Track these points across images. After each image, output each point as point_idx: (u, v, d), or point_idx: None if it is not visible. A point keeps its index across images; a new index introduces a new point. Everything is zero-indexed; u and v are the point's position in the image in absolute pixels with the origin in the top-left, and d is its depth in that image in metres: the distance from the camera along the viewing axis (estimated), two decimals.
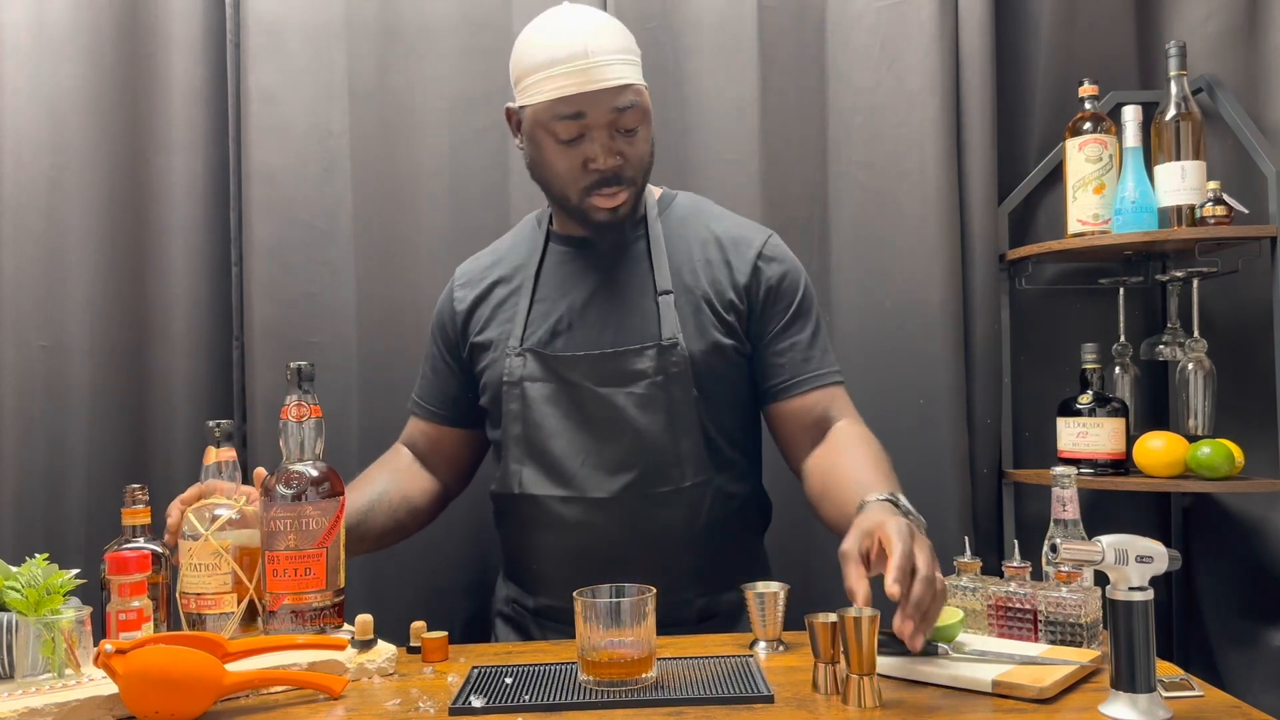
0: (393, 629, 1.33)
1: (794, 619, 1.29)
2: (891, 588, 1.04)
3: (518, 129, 1.46)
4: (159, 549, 1.32)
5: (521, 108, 1.43)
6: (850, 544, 1.11)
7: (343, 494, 1.32)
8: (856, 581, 1.07)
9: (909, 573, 1.05)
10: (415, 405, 1.63)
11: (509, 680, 1.16)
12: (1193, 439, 1.80)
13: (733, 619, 1.45)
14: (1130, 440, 1.84)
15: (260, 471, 1.31)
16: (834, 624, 1.09)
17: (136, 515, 1.33)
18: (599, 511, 1.42)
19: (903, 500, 1.22)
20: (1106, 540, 1.02)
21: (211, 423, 1.34)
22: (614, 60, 1.37)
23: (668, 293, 1.44)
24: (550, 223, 1.55)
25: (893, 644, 1.18)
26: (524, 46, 1.42)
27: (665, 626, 1.32)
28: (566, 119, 1.37)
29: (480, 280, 1.56)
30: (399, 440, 1.64)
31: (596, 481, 1.42)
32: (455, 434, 1.60)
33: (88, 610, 1.20)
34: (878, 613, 1.05)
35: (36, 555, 1.18)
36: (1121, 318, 1.95)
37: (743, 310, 1.46)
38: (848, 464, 1.37)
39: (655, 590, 1.14)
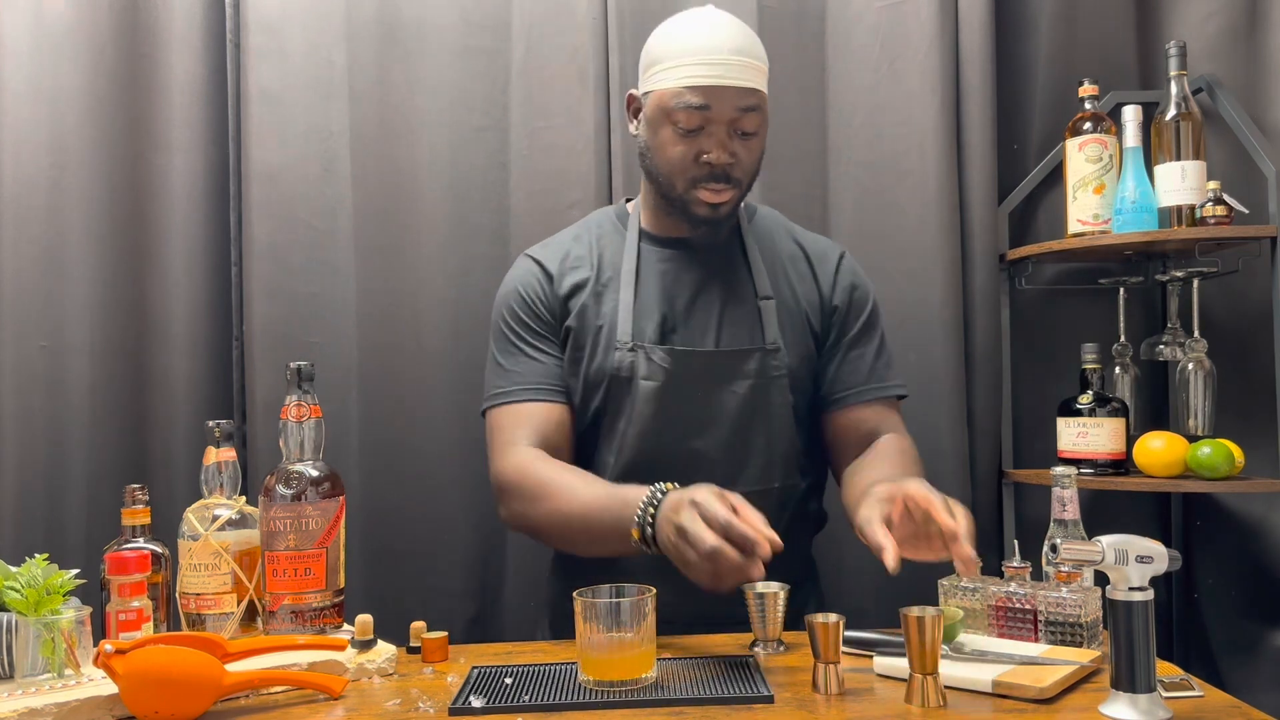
0: (393, 629, 1.33)
1: (795, 619, 1.29)
2: (948, 523, 1.14)
3: (635, 115, 1.48)
4: (159, 549, 1.32)
5: (646, 93, 1.44)
6: (869, 510, 1.19)
7: (342, 494, 1.32)
8: (885, 539, 1.14)
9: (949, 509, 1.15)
10: (529, 391, 1.47)
11: (509, 680, 1.16)
12: (1193, 439, 1.80)
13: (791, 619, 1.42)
14: (1130, 440, 1.84)
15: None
16: (834, 624, 1.09)
17: (136, 515, 1.33)
18: None
19: None
20: (1106, 540, 1.02)
21: (211, 423, 1.34)
22: (747, 63, 1.40)
23: (768, 298, 1.48)
24: (639, 222, 1.54)
25: (893, 644, 1.18)
26: (662, 34, 1.45)
27: (723, 625, 1.34)
28: (691, 108, 1.39)
29: (573, 269, 1.52)
30: (518, 444, 1.44)
31: (692, 477, 1.39)
32: (573, 416, 1.50)
33: (88, 610, 1.20)
34: (940, 612, 1.06)
35: (36, 555, 1.18)
36: (1121, 318, 1.95)
37: (825, 322, 1.52)
38: (879, 466, 1.43)
39: (655, 590, 1.14)
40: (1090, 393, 1.83)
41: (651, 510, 1.24)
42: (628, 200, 1.60)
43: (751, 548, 1.13)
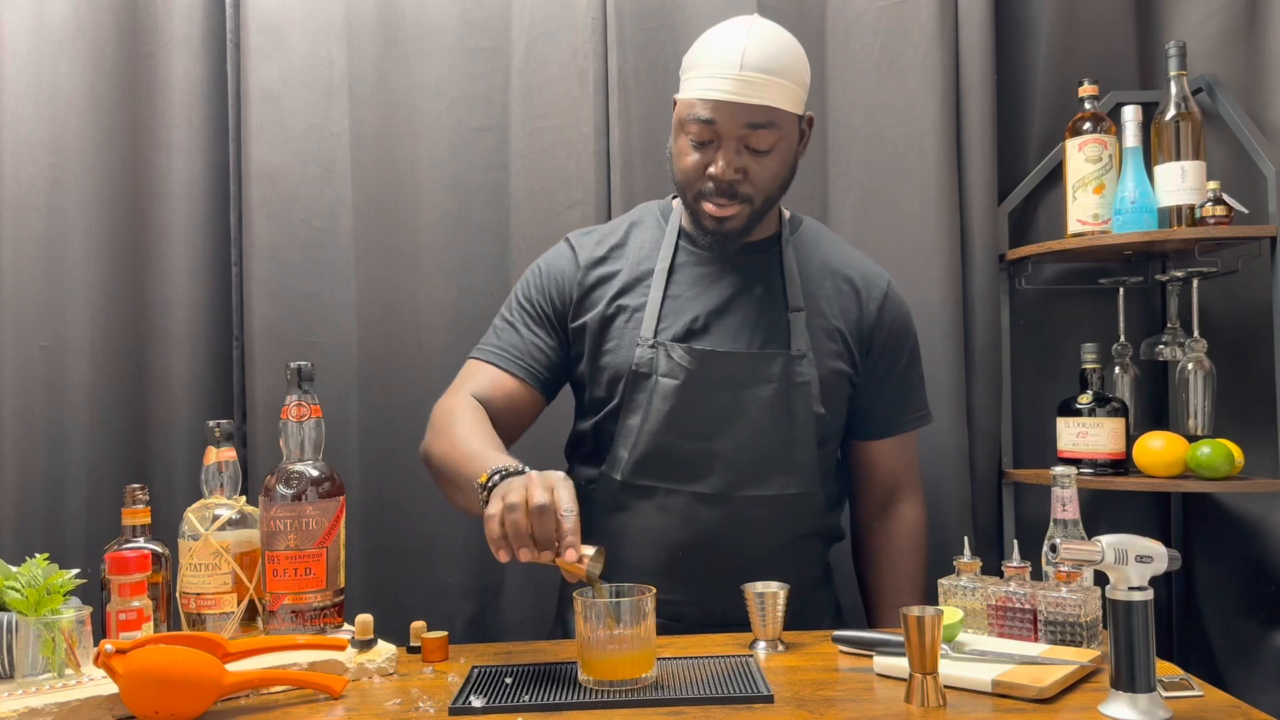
0: (393, 628, 1.33)
1: (806, 625, 1.29)
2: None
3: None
4: (159, 549, 1.32)
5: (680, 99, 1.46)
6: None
7: (342, 494, 1.32)
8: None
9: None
10: (498, 355, 1.51)
11: (509, 680, 1.16)
12: (1193, 439, 1.80)
13: (810, 623, 1.42)
14: (1130, 440, 1.84)
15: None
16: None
17: (136, 515, 1.33)
18: (704, 506, 1.44)
19: None
20: (1106, 540, 1.02)
21: (211, 423, 1.34)
22: (765, 80, 1.38)
23: (799, 310, 1.47)
24: (680, 221, 1.54)
25: (893, 644, 1.18)
26: (698, 40, 1.45)
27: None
28: (700, 121, 1.39)
29: (606, 258, 1.53)
30: (462, 391, 1.48)
31: (706, 477, 1.44)
32: (534, 397, 1.52)
33: (88, 610, 1.20)
34: (940, 612, 1.05)
35: (36, 555, 1.18)
36: (1121, 318, 1.95)
37: (864, 347, 1.52)
38: (894, 580, 1.56)
39: (655, 590, 1.14)
40: (1090, 393, 1.83)
41: (515, 470, 1.21)
42: (674, 197, 1.58)
43: (550, 544, 1.12)
